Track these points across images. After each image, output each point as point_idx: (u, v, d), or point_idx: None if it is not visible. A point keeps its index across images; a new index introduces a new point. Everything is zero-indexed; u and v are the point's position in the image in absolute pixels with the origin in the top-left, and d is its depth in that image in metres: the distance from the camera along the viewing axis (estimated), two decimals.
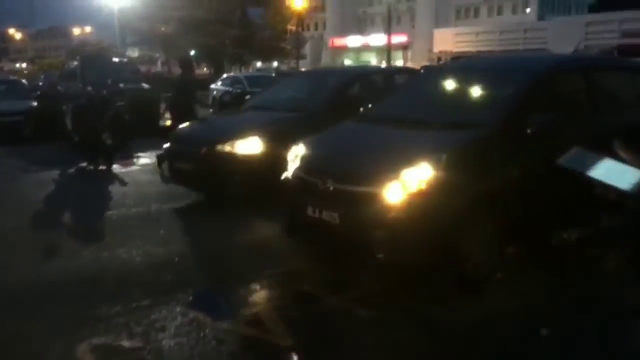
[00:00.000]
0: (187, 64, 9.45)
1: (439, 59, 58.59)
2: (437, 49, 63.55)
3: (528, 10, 64.27)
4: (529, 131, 4.51)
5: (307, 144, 5.20)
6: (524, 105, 4.68)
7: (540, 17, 60.52)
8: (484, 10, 69.04)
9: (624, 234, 5.46)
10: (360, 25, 75.53)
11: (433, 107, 5.40)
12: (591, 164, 1.90)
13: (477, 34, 60.58)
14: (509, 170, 4.45)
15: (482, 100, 5.13)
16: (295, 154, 5.17)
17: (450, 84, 5.74)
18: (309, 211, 4.67)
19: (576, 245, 5.38)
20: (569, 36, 50.03)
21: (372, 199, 4.27)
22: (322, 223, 4.57)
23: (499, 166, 4.43)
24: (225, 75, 25.39)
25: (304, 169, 4.96)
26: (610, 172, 1.75)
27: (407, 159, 4.27)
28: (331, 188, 4.52)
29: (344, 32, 74.11)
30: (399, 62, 65.21)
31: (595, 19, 53.05)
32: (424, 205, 4.15)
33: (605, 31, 50.54)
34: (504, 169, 4.43)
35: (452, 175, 4.18)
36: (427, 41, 65.72)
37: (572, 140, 4.86)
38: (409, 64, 57.79)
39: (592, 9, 61.54)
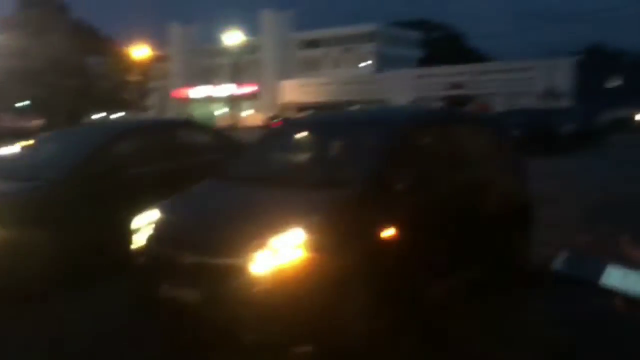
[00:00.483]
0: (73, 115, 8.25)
1: (285, 109, 60.25)
2: (284, 99, 65.28)
3: (365, 63, 68.57)
4: (396, 187, 4.31)
5: (159, 209, 4.55)
6: (390, 161, 4.49)
7: (377, 70, 64.81)
8: (325, 63, 72.39)
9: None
10: (207, 76, 75.24)
11: (298, 164, 5.06)
12: (596, 269, 1.32)
13: (321, 85, 63.35)
14: (382, 231, 4.18)
15: (349, 156, 4.88)
16: (146, 222, 4.48)
17: (313, 139, 5.44)
18: (164, 289, 4.00)
19: (447, 299, 5.25)
20: (402, 88, 54.45)
21: (238, 272, 3.74)
22: (180, 303, 3.92)
23: (373, 227, 4.14)
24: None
25: (156, 239, 4.29)
26: (626, 279, 1.22)
27: (276, 224, 3.83)
28: (189, 261, 3.91)
29: (190, 82, 73.30)
30: (246, 112, 65.84)
31: (425, 73, 58.18)
32: (296, 276, 3.71)
33: (434, 83, 55.57)
34: (378, 230, 4.15)
35: (325, 239, 3.80)
36: (275, 91, 67.21)
37: (437, 196, 4.78)
38: (259, 114, 58.51)
39: (422, 63, 67.38)
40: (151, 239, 4.32)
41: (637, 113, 33.18)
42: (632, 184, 11.76)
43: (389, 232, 4.20)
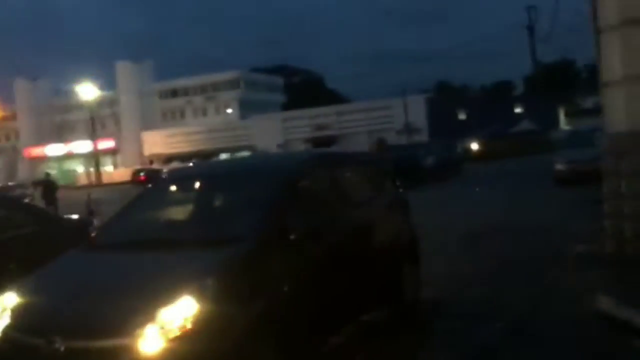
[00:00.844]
0: None
1: (151, 161, 58.13)
2: (148, 151, 63.06)
3: (229, 110, 68.54)
4: (292, 237, 4.07)
5: (17, 291, 3.89)
6: (282, 211, 4.23)
7: (243, 117, 64.99)
8: (189, 112, 71.34)
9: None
10: (61, 133, 70.94)
11: (182, 222, 4.62)
12: None
13: (187, 134, 62.13)
14: (281, 285, 3.89)
15: (237, 209, 4.54)
16: (2, 307, 3.80)
17: (198, 193, 5.03)
18: None
19: (346, 346, 5.05)
20: (270, 132, 55.01)
21: (123, 355, 3.25)
22: None
23: (271, 282, 3.84)
24: None
25: (18, 327, 3.63)
26: None
27: (164, 294, 3.39)
28: (62, 349, 3.34)
29: (42, 140, 68.60)
30: (108, 168, 62.73)
31: (290, 116, 59.38)
32: (192, 350, 3.30)
33: (299, 126, 56.82)
34: (276, 284, 3.86)
35: (221, 304, 3.44)
36: (137, 144, 64.81)
37: (332, 241, 4.61)
38: (125, 169, 55.85)
39: (286, 107, 68.79)
40: (9, 329, 3.65)
41: (473, 142, 36.51)
42: (491, 212, 12.55)
43: (288, 287, 3.93)
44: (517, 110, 58.74)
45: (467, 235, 9.44)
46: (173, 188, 5.33)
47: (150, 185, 6.20)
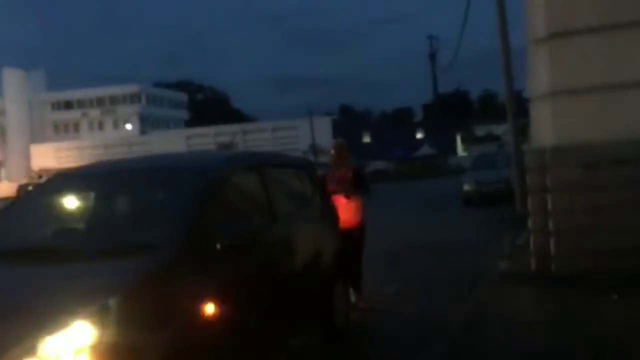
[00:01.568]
0: None
1: (40, 176, 54.24)
2: (36, 165, 59.01)
3: (129, 126, 65.70)
4: (218, 246, 3.37)
5: None
6: (207, 215, 3.50)
7: (143, 132, 62.49)
8: (84, 126, 67.69)
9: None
10: None
11: (78, 229, 3.77)
12: None
13: (81, 148, 58.73)
14: (202, 305, 3.18)
15: (151, 214, 3.73)
16: None
17: (97, 196, 4.14)
18: None
19: None
20: (172, 148, 53.05)
21: None
22: None
23: (190, 302, 3.11)
24: None
25: None
26: None
27: (49, 318, 2.60)
28: None
29: None
30: None
31: (194, 133, 57.88)
32: None
33: (203, 143, 55.40)
34: (197, 304, 3.14)
35: (126, 331, 2.68)
36: (24, 158, 60.45)
37: (262, 253, 3.96)
38: (9, 184, 51.74)
39: (189, 124, 67.20)
40: None
41: (379, 164, 37.32)
42: (409, 231, 12.40)
43: (210, 307, 3.22)
44: (418, 135, 60.95)
45: (388, 255, 9.03)
46: (67, 189, 4.34)
47: (33, 188, 5.17)
